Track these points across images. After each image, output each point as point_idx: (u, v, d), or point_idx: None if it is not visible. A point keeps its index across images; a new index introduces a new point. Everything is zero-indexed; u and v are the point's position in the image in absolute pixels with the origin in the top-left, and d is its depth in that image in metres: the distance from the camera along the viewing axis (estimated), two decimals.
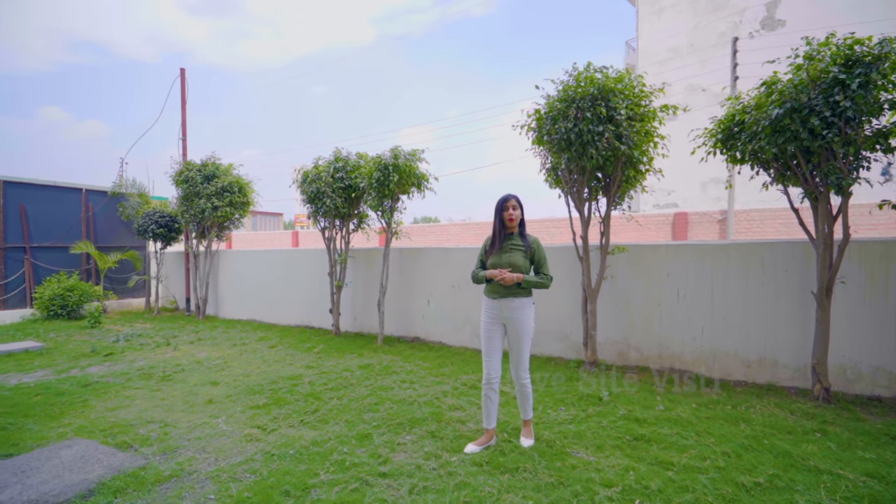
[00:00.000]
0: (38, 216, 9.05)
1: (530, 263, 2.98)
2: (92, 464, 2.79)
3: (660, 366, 4.75)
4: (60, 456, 2.90)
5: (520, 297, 2.93)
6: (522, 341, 2.94)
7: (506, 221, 2.98)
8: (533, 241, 3.03)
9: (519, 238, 3.01)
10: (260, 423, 3.48)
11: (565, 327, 5.31)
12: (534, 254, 2.98)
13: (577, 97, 4.24)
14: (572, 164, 4.48)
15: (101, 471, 2.70)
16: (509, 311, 2.93)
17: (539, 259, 2.99)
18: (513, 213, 2.97)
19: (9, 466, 2.77)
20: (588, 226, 4.81)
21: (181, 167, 9.02)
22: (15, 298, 8.70)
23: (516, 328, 2.94)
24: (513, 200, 2.99)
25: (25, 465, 2.77)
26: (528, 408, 3.03)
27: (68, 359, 5.69)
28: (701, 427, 3.18)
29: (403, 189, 6.24)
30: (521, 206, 3.02)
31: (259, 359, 5.59)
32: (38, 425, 3.49)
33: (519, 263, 2.91)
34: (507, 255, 2.95)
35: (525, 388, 3.00)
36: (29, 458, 2.86)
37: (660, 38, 19.14)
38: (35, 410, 3.79)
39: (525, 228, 3.08)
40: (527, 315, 2.94)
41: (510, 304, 2.93)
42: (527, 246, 2.98)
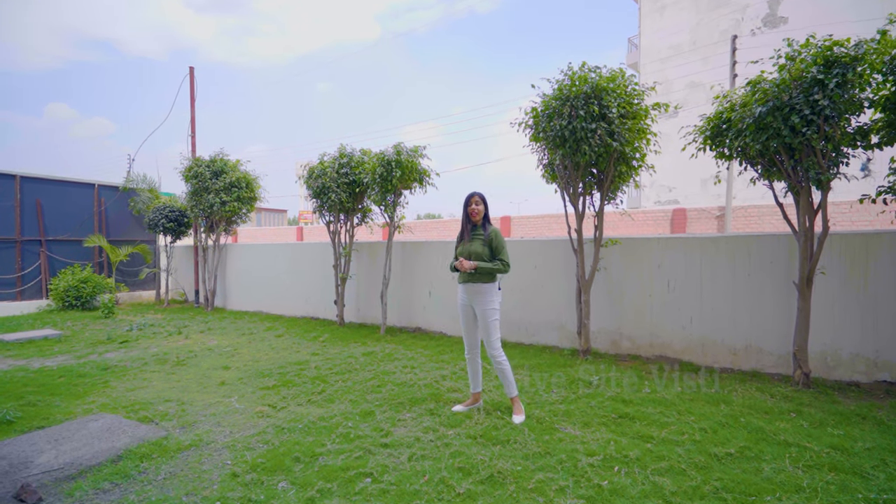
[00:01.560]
0: (53, 210, 9.35)
1: (489, 251, 3.29)
2: (118, 434, 3.04)
3: (651, 354, 4.95)
4: (88, 427, 3.15)
5: (480, 282, 3.28)
6: (487, 322, 3.29)
7: (470, 215, 3.38)
8: (491, 230, 3.36)
9: (481, 229, 3.38)
10: (270, 401, 3.73)
11: (561, 317, 5.51)
12: (491, 242, 3.30)
13: (571, 96, 4.43)
14: (567, 160, 4.68)
15: (126, 440, 2.95)
16: (473, 295, 3.31)
17: (496, 246, 3.29)
18: (475, 207, 3.37)
19: (43, 436, 3.02)
20: (582, 219, 5.00)
21: (190, 163, 9.27)
22: (31, 290, 9.01)
23: (480, 310, 3.30)
24: (476, 197, 3.39)
25: (58, 435, 3.02)
26: (510, 384, 3.32)
27: (86, 345, 5.97)
28: (683, 407, 3.39)
29: (406, 184, 6.45)
30: (484, 202, 3.41)
31: (267, 346, 5.84)
32: (64, 402, 3.75)
33: (478, 251, 3.29)
34: (470, 243, 3.34)
35: (501, 365, 3.31)
36: (60, 429, 3.12)
37: (662, 36, 19.20)
38: (60, 390, 4.05)
39: (488, 221, 3.43)
40: (488, 299, 3.27)
41: (473, 288, 3.31)
42: (485, 235, 3.32)
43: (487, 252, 3.28)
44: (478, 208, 3.36)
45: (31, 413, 3.47)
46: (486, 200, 3.43)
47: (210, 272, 9.39)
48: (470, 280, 3.30)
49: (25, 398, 3.78)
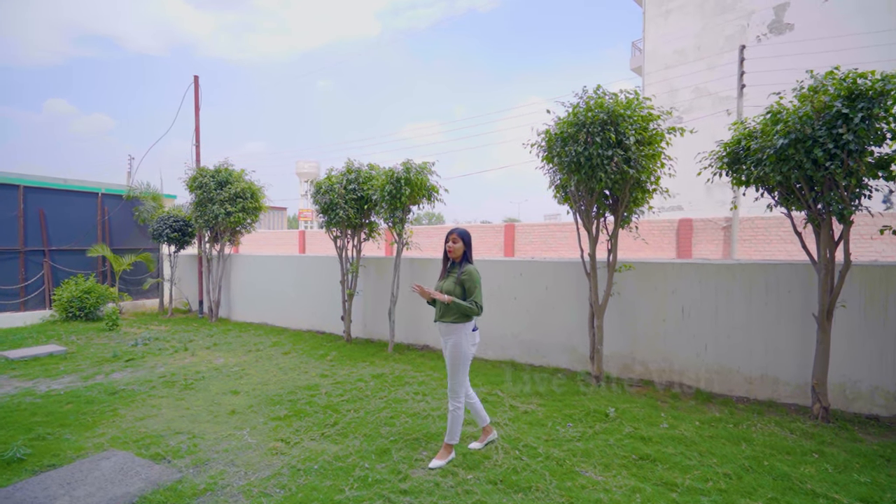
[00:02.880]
0: (56, 220, 9.28)
1: (462, 290, 3.19)
2: (131, 476, 2.98)
3: (664, 380, 4.91)
4: (101, 468, 3.09)
5: (449, 321, 3.18)
6: (452, 364, 3.19)
7: (447, 252, 3.34)
8: (466, 270, 3.23)
9: (457, 267, 3.30)
10: (283, 435, 3.67)
11: (572, 339, 5.47)
12: (464, 282, 3.20)
13: (587, 121, 4.37)
14: (581, 185, 4.62)
15: (140, 484, 2.90)
16: (446, 334, 3.23)
17: (468, 287, 3.19)
18: (452, 245, 3.30)
19: (55, 478, 2.97)
20: (596, 243, 4.95)
21: (195, 173, 9.20)
22: (35, 300, 8.94)
23: (449, 351, 3.21)
24: (454, 234, 3.32)
25: (70, 477, 2.97)
26: (453, 431, 3.21)
27: (92, 364, 5.91)
28: (704, 447, 3.34)
29: (414, 200, 6.40)
30: (463, 239, 3.31)
31: (275, 366, 5.79)
32: (74, 435, 3.69)
33: (449, 289, 3.20)
34: (444, 281, 3.29)
35: (453, 412, 3.20)
36: (72, 470, 3.06)
37: (667, 41, 19.12)
38: (69, 419, 4.00)
39: (467, 259, 3.32)
40: (458, 339, 3.17)
41: (444, 327, 3.23)
42: (459, 274, 3.24)
43: (459, 291, 3.18)
44: (455, 246, 3.28)
45: (42, 449, 3.41)
46: (468, 238, 3.34)
47: (214, 283, 9.33)
48: (441, 318, 3.22)
49: (35, 431, 3.72)
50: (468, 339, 3.19)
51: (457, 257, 3.30)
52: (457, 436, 3.23)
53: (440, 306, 3.23)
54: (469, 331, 3.20)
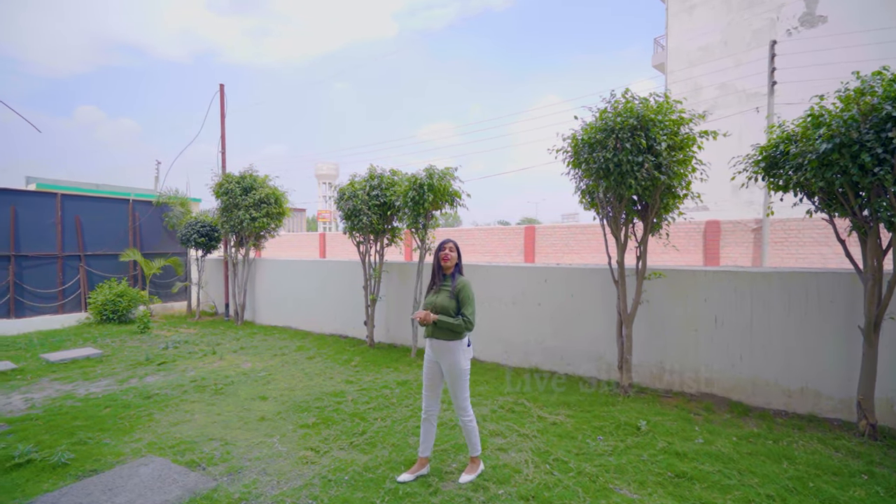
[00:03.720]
0: (91, 225, 9.62)
1: (456, 303, 3.06)
2: (169, 484, 3.05)
3: (696, 391, 4.77)
4: (140, 474, 3.18)
5: (444, 339, 3.04)
6: (454, 382, 3.08)
7: (441, 262, 3.17)
8: (459, 282, 3.11)
9: (450, 280, 3.15)
10: (312, 444, 3.70)
11: (599, 348, 5.37)
12: (458, 294, 3.07)
13: (616, 127, 4.28)
14: (610, 191, 4.53)
15: (178, 492, 2.96)
16: (438, 352, 3.10)
17: (462, 300, 3.06)
18: (448, 254, 3.16)
19: (97, 484, 3.06)
20: (624, 251, 4.84)
21: (221, 179, 9.42)
22: (72, 303, 9.30)
23: (447, 369, 3.09)
24: (450, 244, 3.19)
25: (111, 483, 3.06)
26: (474, 443, 3.14)
27: (126, 367, 6.10)
28: (743, 464, 3.23)
29: (437, 206, 6.40)
30: (457, 249, 3.22)
31: (300, 371, 5.86)
32: (113, 440, 3.81)
33: (444, 304, 3.05)
34: (436, 295, 3.13)
35: (467, 426, 3.12)
36: (113, 476, 3.16)
37: (691, 37, 18.63)
38: (107, 424, 4.12)
39: (460, 271, 3.21)
40: (456, 357, 3.05)
41: (437, 344, 3.09)
42: (452, 287, 3.10)
43: (454, 305, 3.04)
44: (451, 255, 3.16)
45: (84, 454, 3.52)
46: (459, 248, 3.27)
47: (240, 286, 9.52)
48: (434, 335, 3.08)
49: (76, 435, 3.85)
50: (464, 354, 3.08)
51: (450, 268, 3.17)
52: (479, 446, 3.17)
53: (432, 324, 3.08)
54: (465, 346, 3.09)
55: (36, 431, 3.95)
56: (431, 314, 3.01)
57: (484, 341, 6.30)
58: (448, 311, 3.02)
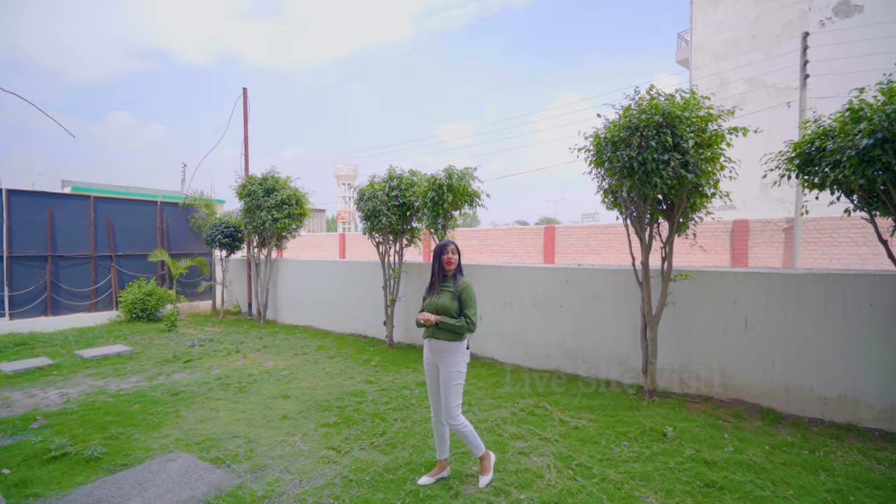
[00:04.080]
0: (121, 226, 9.97)
1: (458, 304, 3.03)
2: (195, 480, 3.12)
3: (725, 396, 4.61)
4: (168, 469, 3.26)
5: (444, 339, 3.01)
6: (447, 385, 3.01)
7: (444, 265, 3.12)
8: (461, 283, 3.08)
9: (451, 281, 3.12)
10: (333, 443, 3.73)
11: (622, 351, 5.25)
12: (460, 295, 3.04)
13: (641, 124, 4.17)
14: (634, 191, 4.42)
15: (204, 488, 3.02)
16: (436, 353, 3.06)
17: (465, 301, 3.03)
18: (451, 257, 3.12)
19: (128, 478, 3.15)
20: (649, 251, 4.72)
21: (244, 181, 9.62)
22: (104, 302, 9.64)
23: (442, 370, 3.04)
24: (452, 246, 3.16)
25: (141, 478, 3.14)
26: (476, 444, 3.05)
27: (154, 364, 6.28)
28: (777, 475, 3.09)
29: (456, 206, 6.38)
30: (458, 251, 3.19)
31: (321, 371, 5.92)
32: (142, 435, 3.92)
33: (445, 305, 3.02)
34: (437, 297, 3.10)
35: (461, 432, 3.02)
36: (142, 471, 3.25)
37: (717, 30, 18.07)
38: (137, 420, 4.25)
39: (460, 272, 3.18)
40: (453, 359, 3.01)
41: (436, 345, 3.05)
42: (455, 288, 3.06)
43: (456, 306, 3.01)
44: (454, 258, 3.12)
45: (115, 448, 3.64)
46: (459, 249, 3.25)
47: (262, 286, 9.70)
48: (434, 336, 3.04)
49: (108, 430, 3.98)
50: (463, 356, 3.04)
51: (452, 270, 3.13)
52: (481, 444, 3.09)
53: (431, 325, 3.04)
54: (464, 349, 3.04)
55: (71, 425, 4.10)
56: (433, 315, 2.99)
57: (504, 343, 6.24)
58: (450, 312, 3.00)
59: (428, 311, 3.05)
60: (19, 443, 3.73)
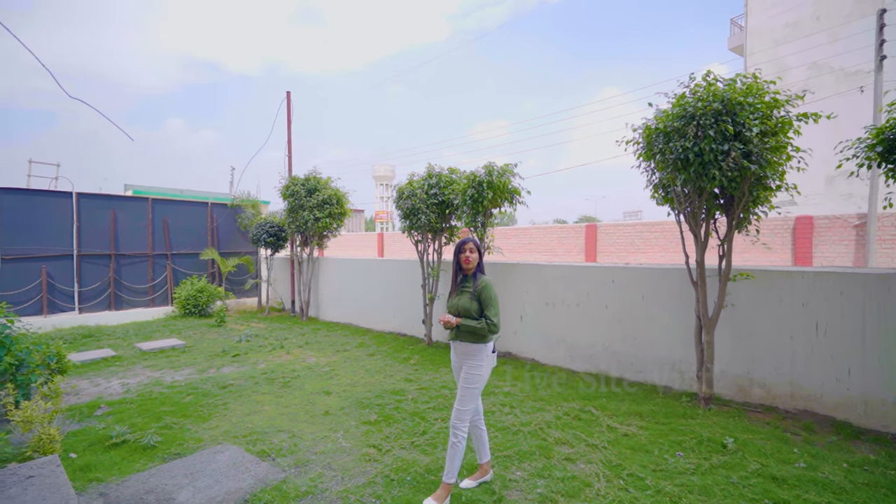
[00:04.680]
0: (176, 227, 10.54)
1: (478, 305, 2.89)
2: (242, 472, 3.19)
3: (792, 407, 4.23)
4: (217, 460, 3.36)
5: (466, 341, 2.90)
6: (464, 388, 2.87)
7: (462, 264, 3.00)
8: (481, 282, 2.93)
9: (471, 280, 2.98)
10: (374, 441, 3.73)
11: (673, 354, 4.95)
12: (479, 295, 2.90)
13: (697, 113, 3.89)
14: (689, 184, 4.14)
15: (250, 480, 3.09)
16: (462, 356, 2.96)
17: (484, 301, 2.88)
18: (469, 255, 2.99)
19: (181, 467, 3.27)
20: (705, 249, 4.41)
21: (287, 182, 9.91)
22: (160, 298, 10.24)
23: (465, 371, 2.92)
24: (470, 244, 3.01)
25: (192, 468, 3.26)
26: (451, 467, 2.79)
27: (205, 357, 6.57)
28: (859, 497, 2.78)
29: (496, 204, 6.25)
30: (478, 249, 3.04)
31: (361, 368, 5.98)
32: (194, 426, 4.08)
33: (465, 306, 2.90)
34: (457, 297, 2.98)
35: (456, 442, 2.81)
36: (194, 461, 3.36)
37: (775, 13, 16.83)
38: (189, 411, 4.43)
39: (481, 270, 3.03)
40: (475, 362, 2.88)
41: (461, 347, 2.95)
42: (474, 288, 2.93)
43: (476, 307, 2.87)
44: (472, 256, 2.98)
45: (169, 437, 3.80)
46: (481, 248, 3.09)
47: (304, 284, 9.97)
48: (457, 338, 2.93)
49: (163, 420, 4.18)
50: (488, 361, 2.90)
51: (471, 269, 3.00)
52: (455, 472, 2.81)
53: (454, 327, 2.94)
54: (489, 352, 2.89)
55: (130, 414, 4.33)
56: (454, 317, 2.88)
57: (546, 343, 6.06)
58: (470, 314, 2.87)
59: (450, 313, 2.95)
60: (85, 429, 3.98)
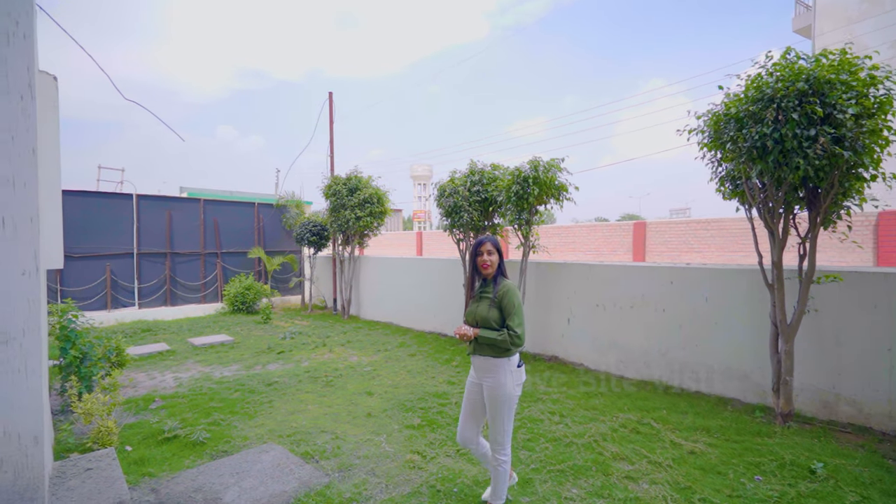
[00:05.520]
0: (225, 226, 10.94)
1: (499, 313, 2.54)
2: (287, 474, 3.14)
3: (890, 428, 3.70)
4: (262, 461, 3.33)
5: (488, 356, 2.53)
6: (495, 410, 2.53)
7: (481, 268, 2.64)
8: (503, 287, 2.57)
9: (491, 285, 2.63)
10: (418, 447, 3.58)
11: (744, 364, 4.49)
12: (500, 302, 2.54)
13: (777, 94, 3.46)
14: (766, 175, 3.70)
15: (294, 484, 3.02)
16: (482, 372, 2.59)
17: (506, 308, 2.52)
18: (488, 258, 2.62)
19: (227, 465, 3.27)
20: (783, 247, 3.95)
21: (329, 181, 10.04)
22: (211, 294, 10.67)
23: (488, 392, 2.55)
24: (488, 244, 2.63)
25: (239, 467, 3.24)
26: (499, 491, 2.57)
27: (252, 354, 6.71)
28: None
29: (542, 200, 5.98)
30: (497, 249, 2.66)
31: (403, 368, 5.88)
32: (240, 423, 4.11)
33: (484, 315, 2.54)
34: (475, 304, 2.63)
35: (499, 468, 2.55)
36: (240, 460, 3.35)
37: None
38: (236, 408, 4.48)
39: (502, 273, 2.66)
40: (501, 379, 2.51)
41: (481, 362, 2.58)
42: (494, 294, 2.57)
43: (496, 315, 2.52)
44: (491, 259, 2.60)
45: (217, 434, 3.84)
46: (501, 248, 2.69)
47: (346, 282, 10.06)
48: (477, 352, 2.56)
49: (212, 415, 4.24)
50: (513, 377, 2.52)
51: (490, 273, 2.63)
52: (503, 495, 2.61)
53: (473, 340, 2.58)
54: (514, 367, 2.53)
55: (181, 409, 4.43)
56: (471, 328, 2.53)
57: (595, 348, 5.72)
58: (489, 323, 2.51)
59: (467, 323, 2.61)
60: (140, 422, 4.11)
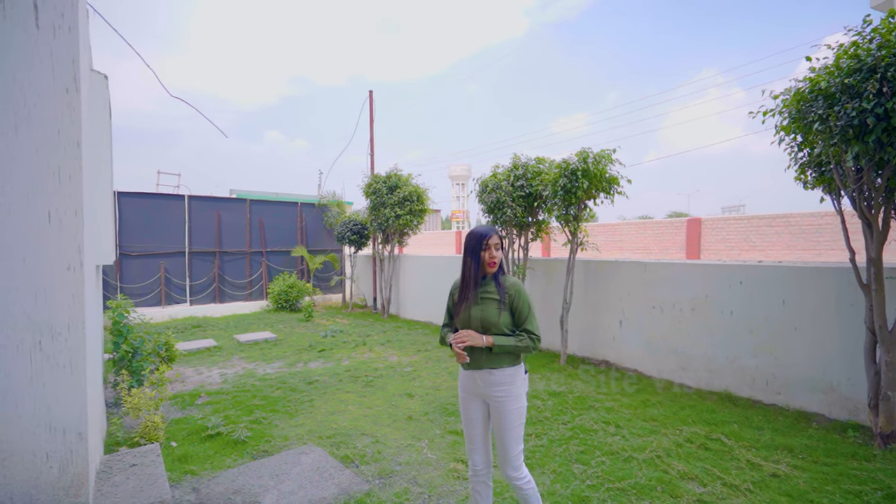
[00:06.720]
0: (270, 226, 11.22)
1: (510, 317, 2.18)
2: (326, 479, 3.02)
3: None
4: (301, 463, 3.24)
5: (500, 366, 2.16)
6: (506, 427, 2.16)
7: (485, 265, 2.22)
8: (511, 286, 2.22)
9: (493, 283, 2.23)
10: (461, 455, 3.37)
11: (828, 375, 3.95)
12: (512, 303, 2.19)
13: (880, 64, 2.97)
14: (865, 158, 3.20)
15: (334, 490, 2.89)
16: (487, 387, 2.18)
17: (520, 310, 2.18)
18: (495, 254, 2.22)
19: (267, 467, 3.20)
20: (884, 241, 3.42)
21: (370, 180, 10.04)
22: (256, 292, 10.97)
23: (497, 408, 2.17)
24: (495, 238, 2.22)
25: (278, 469, 3.16)
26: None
27: (294, 351, 6.76)
28: None
29: (591, 195, 5.61)
30: (503, 245, 2.30)
31: (443, 370, 5.69)
32: (281, 422, 4.06)
33: (492, 319, 2.15)
34: (477, 307, 2.19)
35: (524, 489, 2.17)
36: (279, 461, 3.28)
37: None
38: (277, 406, 4.45)
39: (503, 270, 2.29)
40: (513, 391, 2.16)
41: (487, 377, 2.17)
42: (501, 294, 2.19)
43: (508, 319, 2.16)
44: (498, 255, 2.22)
45: (258, 433, 3.80)
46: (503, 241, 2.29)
47: (386, 281, 10.02)
48: (486, 364, 2.15)
49: (253, 413, 4.22)
50: (524, 386, 2.22)
51: (493, 271, 2.25)
52: None
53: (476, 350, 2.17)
54: (523, 374, 2.22)
55: (225, 405, 4.46)
56: (483, 336, 2.13)
57: (651, 353, 5.28)
58: (500, 328, 2.15)
59: (468, 329, 2.17)
60: (186, 417, 4.15)
